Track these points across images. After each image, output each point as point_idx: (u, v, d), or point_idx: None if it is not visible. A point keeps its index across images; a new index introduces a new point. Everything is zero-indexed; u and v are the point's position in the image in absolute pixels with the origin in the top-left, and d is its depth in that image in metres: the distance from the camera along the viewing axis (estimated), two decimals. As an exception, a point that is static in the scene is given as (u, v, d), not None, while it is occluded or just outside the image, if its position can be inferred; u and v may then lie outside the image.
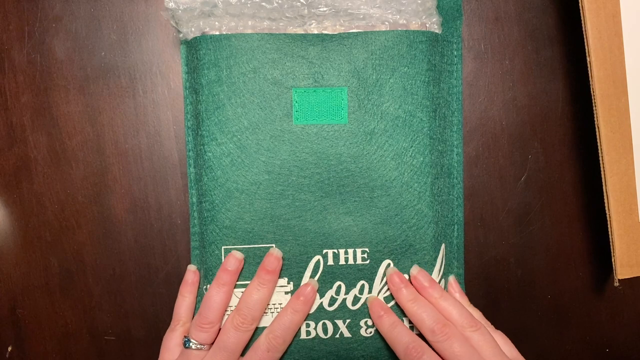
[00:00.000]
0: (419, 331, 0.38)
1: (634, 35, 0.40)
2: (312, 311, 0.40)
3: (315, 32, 0.39)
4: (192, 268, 0.41)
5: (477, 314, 0.40)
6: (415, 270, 0.40)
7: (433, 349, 0.36)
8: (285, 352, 0.40)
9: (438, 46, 0.41)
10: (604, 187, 0.40)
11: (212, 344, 0.38)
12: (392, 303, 0.40)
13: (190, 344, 0.38)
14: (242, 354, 0.39)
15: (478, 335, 0.37)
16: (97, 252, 0.43)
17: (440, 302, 0.39)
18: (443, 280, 0.41)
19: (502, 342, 0.39)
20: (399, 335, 0.38)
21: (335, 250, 0.40)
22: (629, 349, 0.48)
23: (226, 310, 0.39)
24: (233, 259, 0.39)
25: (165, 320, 0.41)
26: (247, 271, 0.40)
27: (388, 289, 0.40)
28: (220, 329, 0.39)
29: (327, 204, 0.40)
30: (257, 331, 0.39)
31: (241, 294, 0.39)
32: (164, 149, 0.43)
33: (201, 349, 0.38)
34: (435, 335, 0.36)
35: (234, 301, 0.39)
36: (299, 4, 0.38)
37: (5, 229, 0.43)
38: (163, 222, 0.44)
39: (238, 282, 0.39)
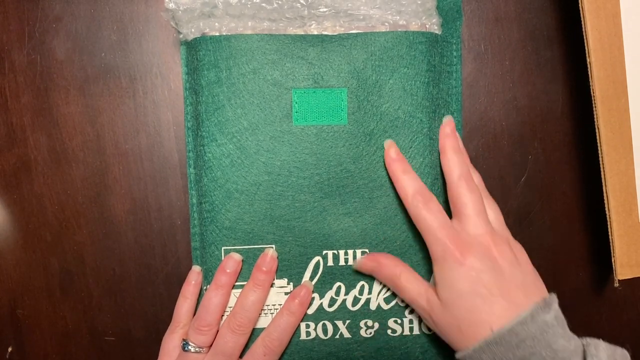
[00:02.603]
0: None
1: (634, 35, 0.40)
2: (311, 312, 0.40)
3: (315, 32, 0.39)
4: (196, 269, 0.41)
5: (478, 179, 0.40)
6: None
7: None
8: (285, 353, 0.40)
9: (438, 47, 0.41)
10: (604, 187, 0.40)
11: (211, 346, 0.38)
12: (393, 303, 0.40)
13: (189, 347, 0.38)
14: (241, 355, 0.39)
15: (487, 200, 0.38)
16: (97, 252, 0.43)
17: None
18: None
19: (495, 216, 0.38)
20: (408, 181, 0.38)
21: (335, 251, 0.40)
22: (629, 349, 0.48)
23: (224, 312, 0.39)
24: (231, 261, 0.39)
25: (165, 320, 0.41)
26: (246, 272, 0.40)
27: (388, 289, 0.40)
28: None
29: (326, 204, 0.40)
30: (255, 332, 0.39)
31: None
32: (164, 150, 0.43)
33: (200, 351, 0.38)
34: (460, 181, 0.37)
35: (233, 301, 0.39)
36: (298, 4, 0.38)
37: (5, 229, 0.43)
38: (163, 223, 0.44)
39: (237, 283, 0.40)
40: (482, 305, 0.33)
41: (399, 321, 0.40)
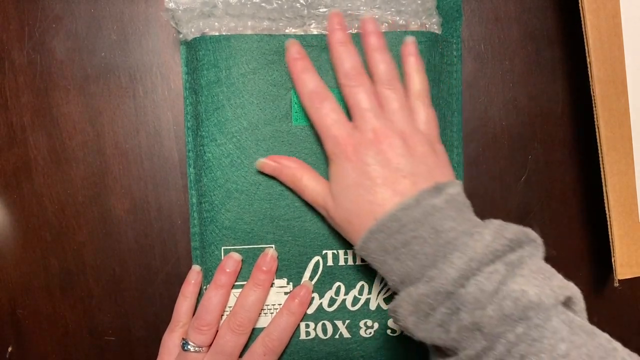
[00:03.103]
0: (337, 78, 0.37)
1: (634, 35, 0.40)
2: (311, 312, 0.40)
3: (315, 32, 0.39)
4: (196, 269, 0.41)
5: (419, 82, 0.38)
6: (367, 16, 0.38)
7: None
8: (285, 353, 0.40)
9: (438, 47, 0.41)
10: (604, 187, 0.40)
11: (211, 345, 0.38)
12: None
13: (189, 346, 0.38)
14: (241, 355, 0.39)
15: (390, 93, 0.36)
16: (97, 252, 0.43)
17: (374, 53, 0.37)
18: None
19: (424, 119, 0.37)
20: (307, 79, 0.37)
21: (335, 251, 0.40)
22: (629, 349, 0.48)
23: (224, 312, 0.39)
24: (231, 261, 0.39)
25: (165, 320, 0.41)
26: (246, 272, 0.40)
27: (388, 289, 0.40)
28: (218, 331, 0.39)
29: (326, 204, 0.40)
30: (255, 332, 0.39)
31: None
32: (164, 150, 0.43)
33: (199, 351, 0.38)
34: (347, 79, 0.36)
35: (232, 301, 0.39)
36: (298, 4, 0.38)
37: (5, 229, 0.43)
38: (163, 223, 0.44)
39: (237, 283, 0.40)
40: (365, 195, 0.33)
41: (399, 321, 0.40)
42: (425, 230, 0.31)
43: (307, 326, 0.40)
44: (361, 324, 0.40)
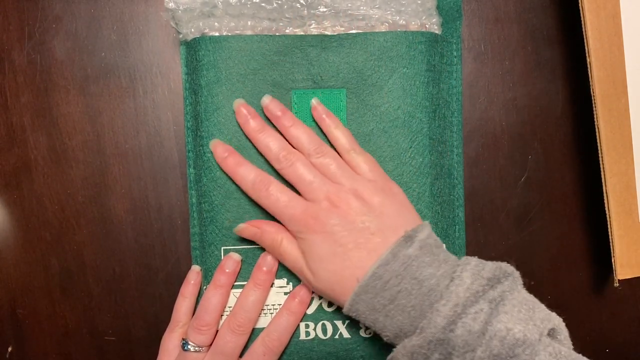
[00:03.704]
0: (271, 164, 0.38)
1: (634, 35, 0.40)
2: (311, 312, 0.40)
3: (315, 32, 0.39)
4: (196, 269, 0.41)
5: (342, 136, 0.38)
6: (266, 99, 0.38)
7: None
8: (285, 353, 0.40)
9: (438, 47, 0.41)
10: (604, 187, 0.40)
11: (211, 345, 0.38)
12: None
13: (189, 346, 0.38)
14: (241, 355, 0.39)
15: (323, 159, 0.36)
16: (97, 252, 0.43)
17: (291, 130, 0.37)
18: None
19: (366, 167, 0.37)
20: (244, 172, 0.37)
21: (335, 251, 0.40)
22: (629, 349, 0.48)
23: (224, 312, 0.39)
24: (230, 261, 0.39)
25: (165, 320, 0.41)
26: (246, 272, 0.40)
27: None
28: (218, 331, 0.39)
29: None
30: (255, 332, 0.39)
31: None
32: (164, 150, 0.43)
33: (199, 351, 0.38)
34: (280, 163, 0.36)
35: (232, 301, 0.39)
36: (298, 4, 0.38)
37: (5, 229, 0.43)
38: (163, 223, 0.44)
39: (237, 283, 0.40)
40: (341, 262, 0.33)
41: (399, 321, 0.40)
42: (407, 283, 0.31)
43: (307, 326, 0.40)
44: (361, 324, 0.40)
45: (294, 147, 0.37)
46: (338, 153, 0.38)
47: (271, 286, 0.40)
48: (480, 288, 0.30)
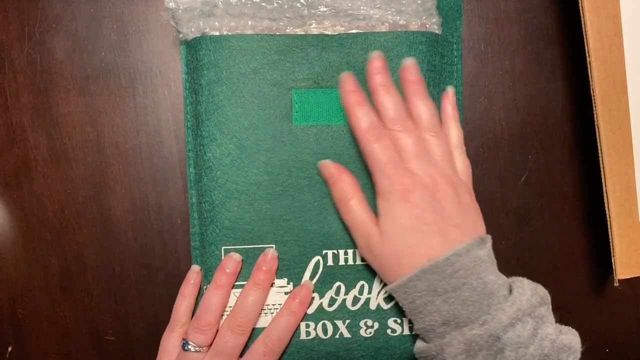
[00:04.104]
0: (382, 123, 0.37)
1: (634, 35, 0.40)
2: (311, 312, 0.40)
3: (315, 32, 0.39)
4: (195, 269, 0.41)
5: (456, 132, 0.40)
6: (409, 61, 0.38)
7: None
8: (285, 353, 0.40)
9: (438, 47, 0.41)
10: (604, 187, 0.40)
11: (211, 345, 0.38)
12: (393, 303, 0.40)
13: (189, 346, 0.38)
14: (241, 354, 0.39)
15: (435, 140, 0.37)
16: (97, 252, 0.43)
17: (416, 100, 0.38)
18: None
19: (462, 168, 0.39)
20: (361, 114, 0.37)
21: (335, 251, 0.40)
22: (629, 349, 0.48)
23: (224, 312, 0.39)
24: (231, 261, 0.39)
25: (165, 320, 0.41)
26: (246, 272, 0.40)
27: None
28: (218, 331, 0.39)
29: (326, 204, 0.40)
30: (255, 332, 0.39)
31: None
32: (164, 149, 0.43)
33: (199, 351, 0.38)
34: (394, 124, 0.36)
35: (233, 301, 0.39)
36: (299, 4, 0.38)
37: (5, 229, 0.43)
38: (163, 222, 0.44)
39: (237, 283, 0.40)
40: (422, 239, 0.34)
41: (399, 321, 0.40)
42: (474, 279, 0.33)
43: (308, 326, 0.40)
44: (361, 323, 0.40)
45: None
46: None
47: (271, 286, 0.40)
48: (536, 303, 0.34)
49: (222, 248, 0.40)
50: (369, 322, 0.40)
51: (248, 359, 0.38)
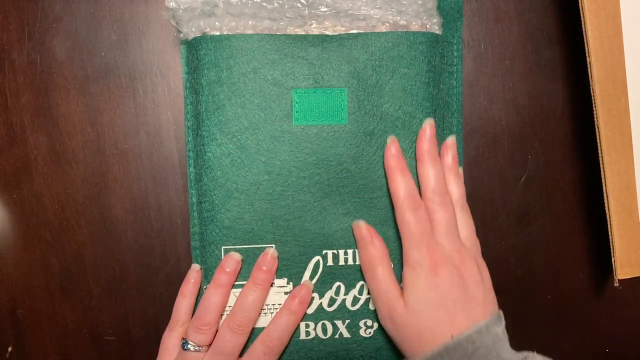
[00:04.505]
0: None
1: (634, 35, 0.40)
2: (311, 312, 0.40)
3: (316, 32, 0.39)
4: (196, 267, 0.41)
5: (458, 191, 0.40)
6: (450, 139, 0.40)
7: None
8: (285, 353, 0.40)
9: (438, 47, 0.41)
10: (603, 187, 0.40)
11: (211, 345, 0.38)
12: None
13: (188, 345, 0.38)
14: (241, 354, 0.39)
15: (466, 219, 0.39)
16: (97, 252, 0.43)
17: (450, 176, 0.40)
18: None
19: (465, 230, 0.39)
20: (402, 181, 0.38)
21: (335, 251, 0.40)
22: (629, 349, 0.48)
23: (224, 311, 0.39)
24: (231, 260, 0.39)
25: (165, 320, 0.41)
26: (246, 271, 0.40)
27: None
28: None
29: (326, 204, 0.40)
30: (255, 331, 0.39)
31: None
32: (164, 149, 0.43)
33: (199, 350, 0.38)
34: (434, 195, 0.38)
35: (233, 301, 0.39)
36: (299, 4, 0.38)
37: (5, 229, 0.43)
38: (163, 222, 0.44)
39: (237, 283, 0.40)
40: (446, 315, 0.35)
41: (399, 321, 0.40)
42: (493, 357, 0.34)
43: (307, 326, 0.40)
44: (361, 323, 0.40)
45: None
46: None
47: (271, 286, 0.40)
48: None
49: (222, 248, 0.40)
50: (369, 322, 0.40)
51: (247, 358, 0.38)
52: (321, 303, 0.40)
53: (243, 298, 0.38)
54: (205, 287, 0.40)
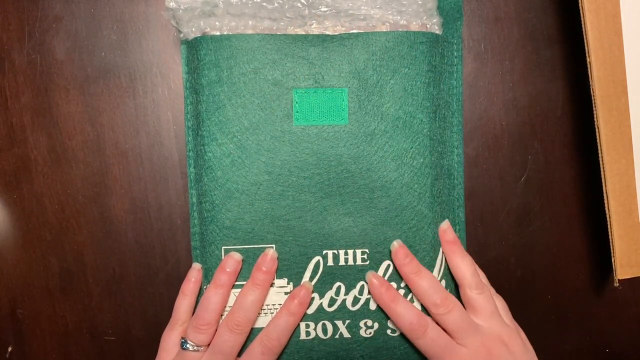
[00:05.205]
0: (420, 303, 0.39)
1: (634, 35, 0.40)
2: (311, 312, 0.40)
3: (316, 32, 0.39)
4: (196, 267, 0.41)
5: (470, 271, 0.41)
6: (445, 224, 0.41)
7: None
8: (285, 353, 0.40)
9: (438, 47, 0.41)
10: (603, 187, 0.40)
11: (210, 345, 0.38)
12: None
13: (187, 345, 0.38)
14: (240, 354, 0.39)
15: (481, 297, 0.39)
16: (97, 252, 0.43)
17: (456, 258, 0.40)
18: (444, 280, 0.41)
19: (501, 307, 0.41)
20: (403, 311, 0.38)
21: (335, 251, 0.40)
22: (629, 349, 0.48)
23: (224, 311, 0.39)
24: (231, 260, 0.39)
25: (165, 320, 0.41)
26: (246, 271, 0.40)
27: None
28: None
29: (327, 204, 0.40)
30: (254, 331, 0.39)
31: (241, 294, 0.39)
32: (164, 149, 0.43)
33: (198, 350, 0.38)
34: (438, 309, 0.38)
35: (232, 301, 0.39)
36: (299, 4, 0.38)
37: (5, 229, 0.43)
38: (163, 222, 0.44)
39: (237, 283, 0.39)
40: None
41: (399, 321, 0.40)
42: None
43: (307, 326, 0.40)
44: (361, 324, 0.40)
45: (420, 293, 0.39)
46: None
47: (271, 286, 0.40)
48: None
49: (222, 248, 0.40)
50: (369, 322, 0.40)
51: (246, 358, 0.38)
52: (321, 303, 0.40)
53: (242, 298, 0.38)
54: (205, 287, 0.40)
